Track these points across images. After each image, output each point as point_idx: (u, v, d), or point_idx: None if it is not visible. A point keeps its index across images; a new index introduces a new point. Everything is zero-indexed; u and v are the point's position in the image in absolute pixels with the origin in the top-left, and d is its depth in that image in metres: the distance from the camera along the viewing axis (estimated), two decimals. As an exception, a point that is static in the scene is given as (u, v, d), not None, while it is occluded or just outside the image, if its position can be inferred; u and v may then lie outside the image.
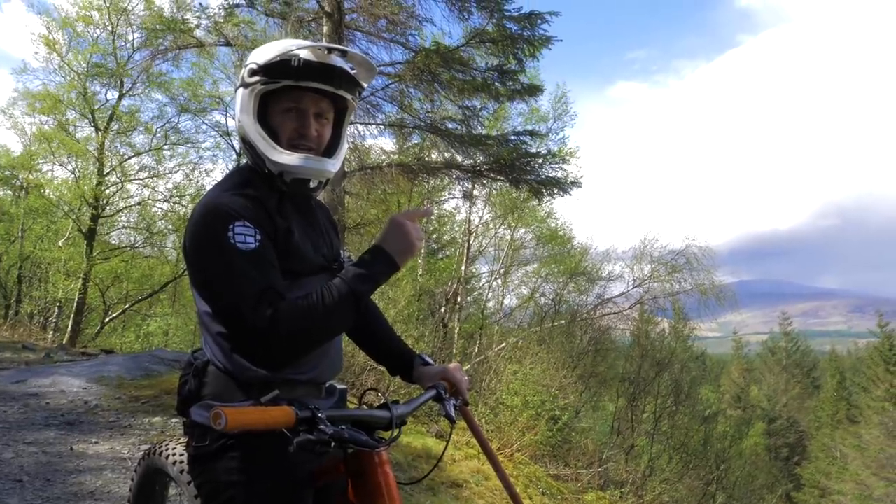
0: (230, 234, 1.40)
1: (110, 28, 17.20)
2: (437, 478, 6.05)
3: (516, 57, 8.09)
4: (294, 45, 1.54)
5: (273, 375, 1.52)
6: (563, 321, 18.80)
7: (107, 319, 19.71)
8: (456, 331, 17.30)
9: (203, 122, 19.51)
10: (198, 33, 8.34)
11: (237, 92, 1.60)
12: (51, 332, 17.40)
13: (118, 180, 18.80)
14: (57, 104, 17.36)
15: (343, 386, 1.74)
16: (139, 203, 19.56)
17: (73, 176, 18.43)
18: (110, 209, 18.93)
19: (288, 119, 1.57)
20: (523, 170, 8.70)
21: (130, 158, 18.99)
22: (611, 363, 19.45)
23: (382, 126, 9.27)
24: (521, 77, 8.55)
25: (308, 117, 1.58)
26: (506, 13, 7.78)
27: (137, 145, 19.08)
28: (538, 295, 21.25)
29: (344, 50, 1.63)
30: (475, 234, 19.79)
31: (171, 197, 19.42)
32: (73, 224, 17.96)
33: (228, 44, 8.16)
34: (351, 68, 1.63)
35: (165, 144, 19.10)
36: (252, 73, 1.54)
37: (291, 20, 7.66)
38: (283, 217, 1.54)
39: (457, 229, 21.10)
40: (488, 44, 8.00)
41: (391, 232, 1.51)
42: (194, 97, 18.40)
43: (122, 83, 17.70)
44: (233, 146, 19.44)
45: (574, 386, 14.53)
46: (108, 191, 18.38)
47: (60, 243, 18.28)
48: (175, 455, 2.06)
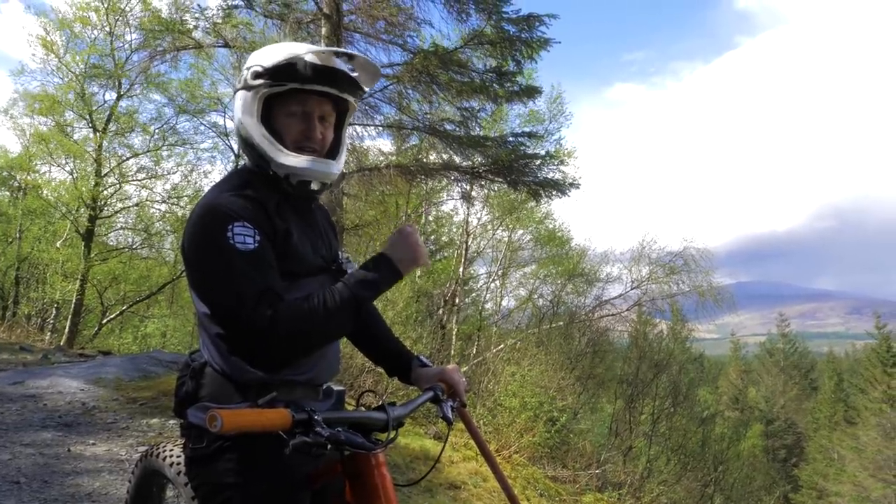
0: (229, 235, 1.40)
1: (108, 29, 17.13)
2: (435, 479, 6.04)
3: (514, 59, 8.08)
4: (300, 49, 1.54)
5: (271, 377, 1.52)
6: (562, 323, 18.82)
7: (104, 321, 19.67)
8: (454, 332, 17.29)
9: (201, 124, 19.50)
10: (196, 34, 8.33)
11: (237, 94, 1.59)
12: (48, 334, 17.36)
13: (116, 181, 18.76)
14: (55, 105, 17.29)
15: (341, 387, 1.74)
16: (137, 204, 19.55)
17: (71, 177, 18.38)
18: (108, 210, 18.88)
19: (293, 122, 1.58)
20: (521, 171, 8.70)
21: (128, 159, 18.98)
22: (609, 365, 19.46)
23: (381, 127, 9.28)
24: (519, 79, 8.55)
25: (313, 120, 1.59)
26: (504, 15, 7.77)
27: (135, 146, 19.10)
28: (536, 296, 21.30)
29: (350, 54, 1.65)
30: (473, 236, 19.79)
31: (169, 198, 19.42)
32: (71, 225, 17.91)
33: (227, 45, 8.16)
34: (352, 70, 1.64)
35: (163, 145, 19.07)
36: (256, 76, 1.54)
37: (290, 22, 7.66)
38: (282, 218, 1.54)
39: (455, 231, 21.11)
40: (486, 45, 8.00)
41: (398, 241, 1.53)
42: (192, 98, 18.35)
43: (120, 84, 17.65)
44: (231, 147, 19.42)
45: (572, 387, 14.53)
46: (106, 192, 18.32)
47: (58, 244, 18.25)
48: (172, 457, 2.06)
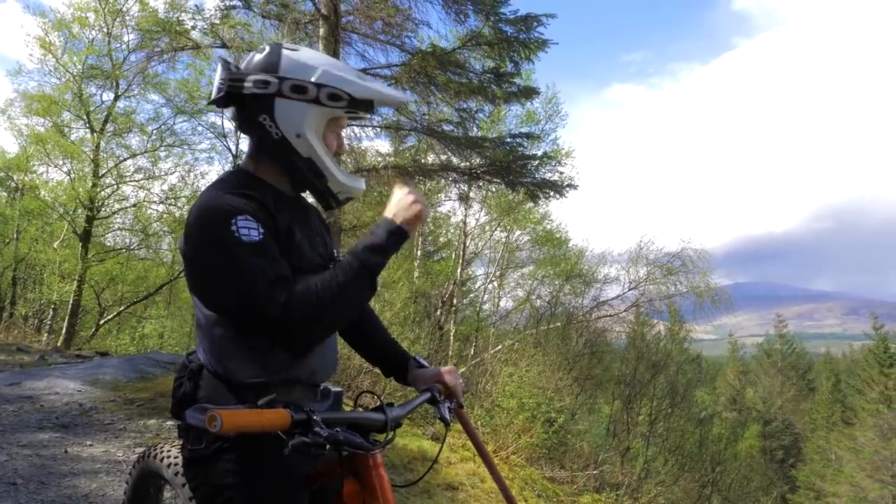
0: (233, 229, 1.39)
1: (106, 30, 17.13)
2: (433, 480, 6.05)
3: (512, 59, 8.08)
4: (376, 86, 1.59)
5: (269, 377, 1.52)
6: (559, 323, 18.84)
7: (102, 322, 19.64)
8: (452, 333, 17.31)
9: (199, 124, 19.42)
10: (194, 35, 8.30)
11: (294, 103, 1.53)
12: (45, 335, 17.33)
13: (113, 182, 18.73)
14: (52, 106, 17.25)
15: (338, 388, 1.74)
16: (135, 205, 19.48)
17: (69, 178, 18.33)
18: (105, 211, 18.85)
19: (332, 137, 1.63)
20: (519, 172, 8.69)
21: (126, 160, 18.93)
22: (606, 365, 19.48)
23: (378, 128, 9.26)
24: (517, 79, 8.54)
25: (342, 137, 1.68)
26: (501, 16, 7.76)
27: (133, 147, 19.05)
28: (534, 297, 21.30)
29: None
30: (471, 237, 19.80)
31: (167, 199, 19.35)
32: (69, 226, 17.88)
33: (224, 45, 8.13)
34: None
35: (161, 146, 19.03)
36: (335, 98, 1.54)
37: (288, 22, 7.64)
38: (283, 217, 1.54)
39: (453, 231, 21.12)
40: (484, 46, 7.99)
41: (395, 199, 1.56)
42: (190, 99, 18.30)
43: (118, 85, 17.62)
44: (229, 148, 19.39)
45: (570, 388, 14.55)
46: (104, 193, 18.28)
47: (55, 245, 18.21)
48: (170, 458, 2.06)
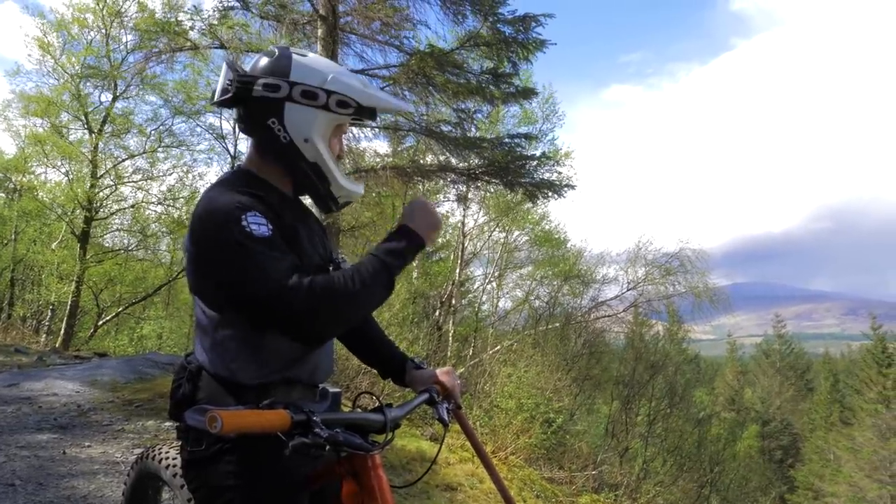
0: (244, 224, 1.40)
1: (104, 30, 17.11)
2: (432, 481, 6.04)
3: (510, 60, 8.08)
4: (377, 94, 1.65)
5: (271, 377, 1.52)
6: (558, 324, 18.84)
7: (100, 322, 19.61)
8: (451, 334, 17.29)
9: (197, 125, 19.40)
10: (192, 35, 8.29)
11: (304, 108, 1.55)
12: (44, 336, 17.33)
13: (112, 183, 18.70)
14: (50, 106, 17.23)
15: (337, 389, 1.74)
16: (133, 206, 19.47)
17: (67, 178, 18.33)
18: (104, 212, 18.84)
19: (335, 142, 1.67)
20: (518, 172, 8.69)
21: (124, 161, 18.89)
22: (605, 366, 19.49)
23: (377, 129, 9.26)
24: (515, 80, 8.55)
25: (342, 140, 1.72)
26: (500, 16, 7.76)
27: (131, 148, 19.00)
28: (533, 298, 21.31)
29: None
30: (470, 237, 19.81)
31: (165, 200, 19.32)
32: (67, 227, 17.87)
33: (223, 46, 8.12)
34: None
35: (159, 147, 18.99)
36: (344, 105, 1.58)
37: (286, 23, 7.64)
38: (287, 216, 1.55)
39: (451, 232, 21.11)
40: (482, 47, 7.99)
41: (416, 210, 1.59)
42: (188, 99, 18.27)
43: (116, 85, 17.61)
44: (227, 149, 19.36)
45: (568, 389, 14.56)
46: (102, 193, 18.27)
47: (53, 246, 18.20)
48: (168, 459, 2.06)
